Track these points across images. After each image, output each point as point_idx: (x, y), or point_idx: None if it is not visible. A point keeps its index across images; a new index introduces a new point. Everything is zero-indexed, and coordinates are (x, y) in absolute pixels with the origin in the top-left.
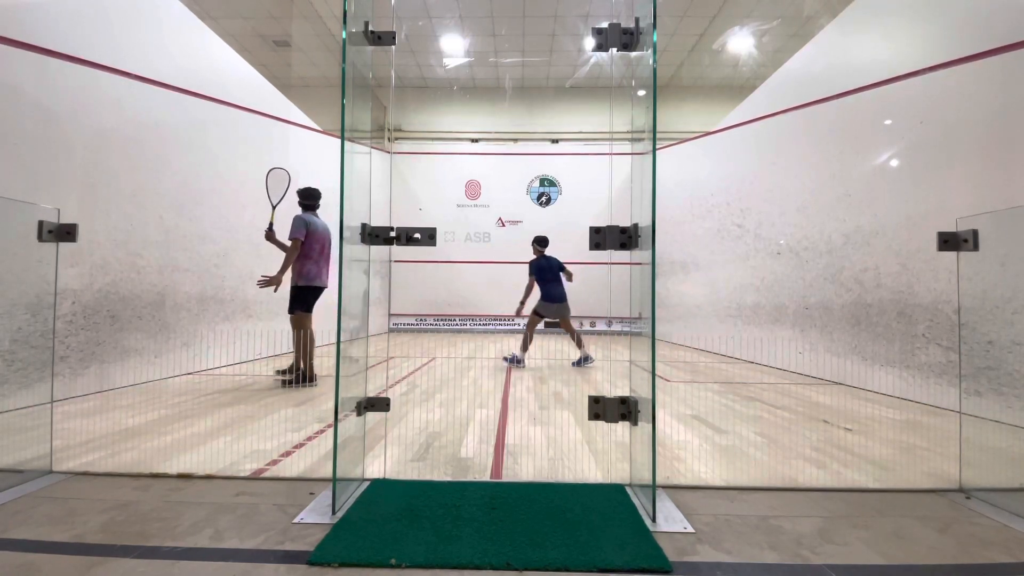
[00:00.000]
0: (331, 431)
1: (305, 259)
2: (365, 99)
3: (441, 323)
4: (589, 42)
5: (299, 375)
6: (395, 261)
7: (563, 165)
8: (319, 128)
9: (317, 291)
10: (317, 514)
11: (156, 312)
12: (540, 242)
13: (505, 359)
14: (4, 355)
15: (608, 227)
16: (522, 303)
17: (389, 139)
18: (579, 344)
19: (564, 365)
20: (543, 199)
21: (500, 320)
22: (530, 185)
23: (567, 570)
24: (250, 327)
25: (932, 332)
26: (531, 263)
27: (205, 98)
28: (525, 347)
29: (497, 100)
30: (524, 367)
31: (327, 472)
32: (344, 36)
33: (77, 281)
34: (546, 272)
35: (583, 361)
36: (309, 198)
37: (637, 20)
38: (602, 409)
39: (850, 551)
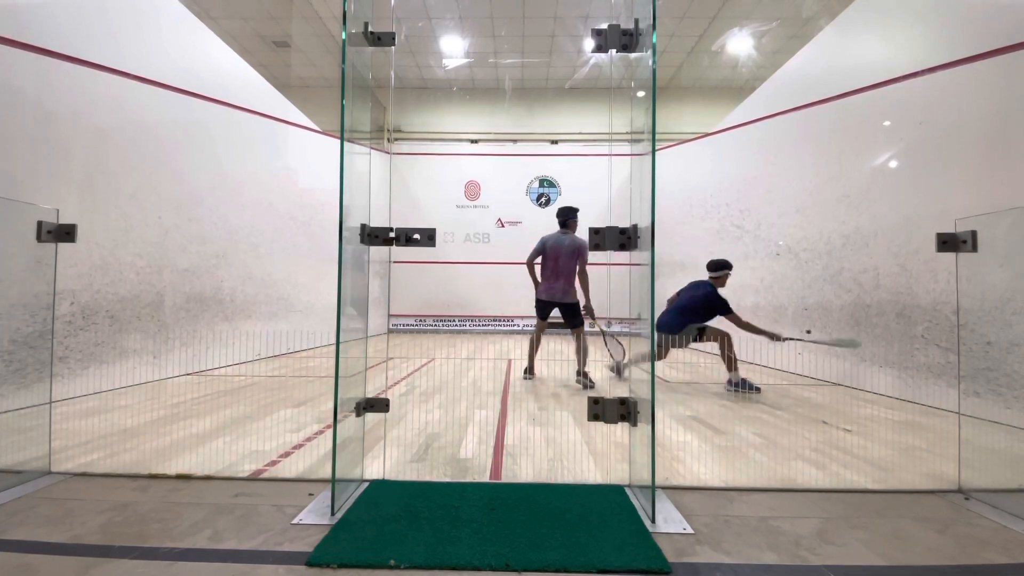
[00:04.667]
0: (330, 432)
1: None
2: (365, 100)
3: (440, 324)
4: (589, 43)
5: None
6: (395, 262)
7: (563, 166)
8: (319, 128)
9: (542, 303)
10: (316, 515)
11: (155, 313)
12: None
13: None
14: (3, 355)
15: (607, 228)
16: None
17: (388, 140)
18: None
19: (563, 365)
20: (542, 200)
21: (499, 320)
22: (529, 186)
23: (566, 571)
24: (249, 327)
25: (931, 333)
26: None
27: (205, 98)
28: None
29: (497, 101)
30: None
31: (326, 473)
32: (344, 37)
33: (76, 281)
34: None
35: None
36: (561, 216)
37: (636, 21)
38: (601, 410)
39: (849, 552)
